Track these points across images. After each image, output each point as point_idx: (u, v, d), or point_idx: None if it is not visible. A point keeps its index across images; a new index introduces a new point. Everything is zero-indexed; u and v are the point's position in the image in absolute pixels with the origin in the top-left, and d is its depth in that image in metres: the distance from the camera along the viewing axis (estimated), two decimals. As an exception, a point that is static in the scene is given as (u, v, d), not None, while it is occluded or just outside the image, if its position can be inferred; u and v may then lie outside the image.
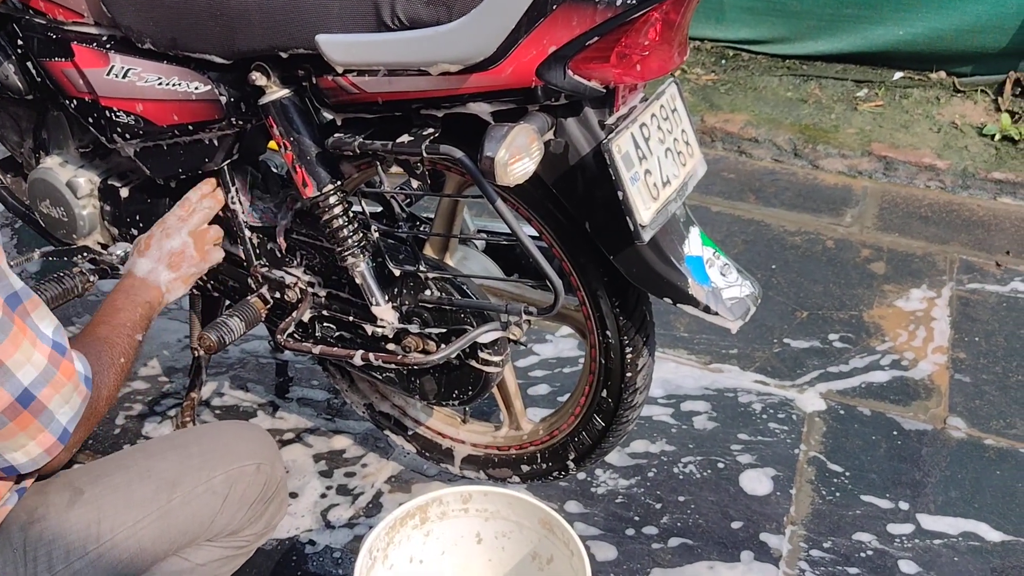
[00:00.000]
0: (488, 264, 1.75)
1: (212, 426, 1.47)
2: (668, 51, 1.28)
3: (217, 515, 1.35)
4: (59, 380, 1.14)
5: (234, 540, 1.41)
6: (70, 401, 1.16)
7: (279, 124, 1.48)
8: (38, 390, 1.11)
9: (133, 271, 1.57)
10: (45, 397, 1.13)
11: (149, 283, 1.55)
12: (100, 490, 1.27)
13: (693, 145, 1.50)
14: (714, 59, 4.03)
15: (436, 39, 1.24)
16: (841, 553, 1.87)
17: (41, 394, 1.12)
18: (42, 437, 1.14)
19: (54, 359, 1.13)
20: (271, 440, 1.46)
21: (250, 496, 1.38)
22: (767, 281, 2.74)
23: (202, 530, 1.34)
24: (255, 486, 1.38)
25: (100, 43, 1.57)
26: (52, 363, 1.13)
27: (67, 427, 1.17)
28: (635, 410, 1.66)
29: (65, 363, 1.15)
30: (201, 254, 1.62)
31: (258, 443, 1.42)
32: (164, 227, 1.61)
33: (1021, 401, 2.29)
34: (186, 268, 1.60)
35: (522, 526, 1.56)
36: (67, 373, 1.15)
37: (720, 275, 1.45)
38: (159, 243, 1.59)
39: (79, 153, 1.84)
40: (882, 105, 3.67)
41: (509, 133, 1.24)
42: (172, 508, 1.30)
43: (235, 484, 1.36)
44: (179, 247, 1.59)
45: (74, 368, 1.17)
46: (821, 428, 2.19)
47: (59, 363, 1.14)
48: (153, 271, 1.56)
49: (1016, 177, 3.28)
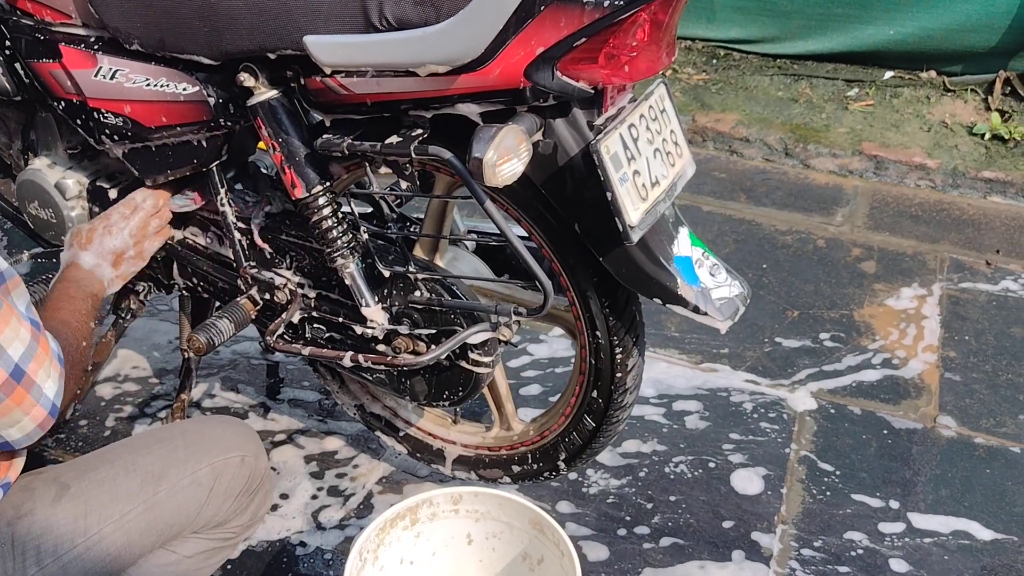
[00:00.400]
0: (478, 265, 1.75)
1: (196, 420, 1.50)
2: (656, 52, 1.28)
3: (203, 507, 1.36)
4: (41, 355, 1.17)
5: (220, 532, 1.42)
6: (51, 375, 1.19)
7: (267, 125, 1.48)
8: (27, 365, 1.15)
9: (78, 262, 1.59)
10: (33, 372, 1.16)
11: (95, 276, 1.58)
12: (86, 484, 1.28)
13: (682, 145, 1.50)
14: (705, 59, 4.04)
15: (424, 40, 1.24)
16: (832, 552, 1.87)
17: (29, 369, 1.15)
18: (35, 411, 1.17)
19: (35, 335, 1.17)
20: (255, 434, 1.48)
21: (235, 488, 1.39)
22: (758, 280, 2.75)
23: (188, 522, 1.35)
24: (240, 478, 1.39)
25: (88, 44, 1.56)
26: (34, 338, 1.16)
27: (55, 401, 1.20)
28: (625, 410, 1.66)
29: (42, 338, 1.19)
30: (139, 253, 1.66)
31: (242, 436, 1.44)
32: (107, 224, 1.64)
33: (1011, 400, 2.30)
34: (126, 267, 1.64)
35: (512, 527, 1.56)
36: (45, 348, 1.19)
37: (709, 275, 1.45)
38: (101, 240, 1.62)
39: (68, 154, 1.83)
40: (872, 104, 3.68)
41: (497, 134, 1.24)
42: (158, 501, 1.31)
43: (220, 476, 1.37)
44: (120, 247, 1.62)
45: (49, 344, 1.20)
46: (812, 427, 2.20)
47: (39, 338, 1.18)
48: (98, 266, 1.60)
49: (1006, 176, 3.29)
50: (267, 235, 1.65)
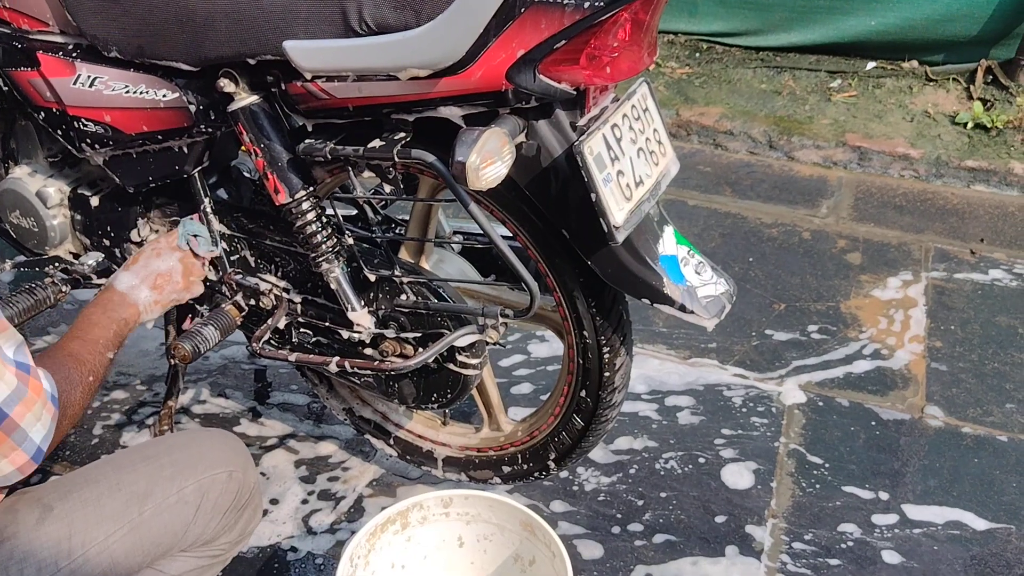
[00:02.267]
0: (464, 266, 1.74)
1: (183, 435, 1.44)
2: (638, 51, 1.28)
3: (190, 525, 1.33)
4: (31, 398, 1.13)
5: (209, 549, 1.40)
6: (41, 419, 1.15)
7: (249, 131, 1.47)
8: (10, 408, 1.11)
9: (114, 284, 1.54)
10: (18, 415, 1.12)
11: (128, 300, 1.53)
12: (70, 505, 1.25)
13: (665, 144, 1.50)
14: (688, 52, 4.04)
15: (405, 44, 1.23)
16: (822, 545, 1.88)
17: (14, 412, 1.11)
18: (15, 456, 1.13)
19: (22, 378, 1.13)
20: (243, 447, 1.45)
21: (223, 504, 1.37)
22: (744, 274, 2.75)
23: (175, 541, 1.33)
24: (228, 494, 1.37)
25: (66, 52, 1.55)
26: (22, 381, 1.12)
27: (40, 446, 1.16)
28: (614, 409, 1.66)
29: (32, 381, 1.15)
30: (186, 283, 1.61)
31: (230, 450, 1.41)
32: (156, 247, 1.60)
33: (997, 388, 2.31)
34: (168, 292, 1.58)
35: (504, 528, 1.56)
36: (36, 391, 1.15)
37: (695, 273, 1.45)
38: (147, 261, 1.58)
39: (48, 163, 1.82)
40: (855, 95, 3.69)
41: (480, 137, 1.23)
42: (144, 520, 1.28)
43: (207, 493, 1.34)
44: (166, 269, 1.58)
45: (41, 386, 1.16)
46: (800, 420, 2.20)
47: (27, 381, 1.14)
48: (135, 288, 1.54)
49: (989, 165, 3.31)
50: (251, 240, 1.65)
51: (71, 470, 1.99)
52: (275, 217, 1.61)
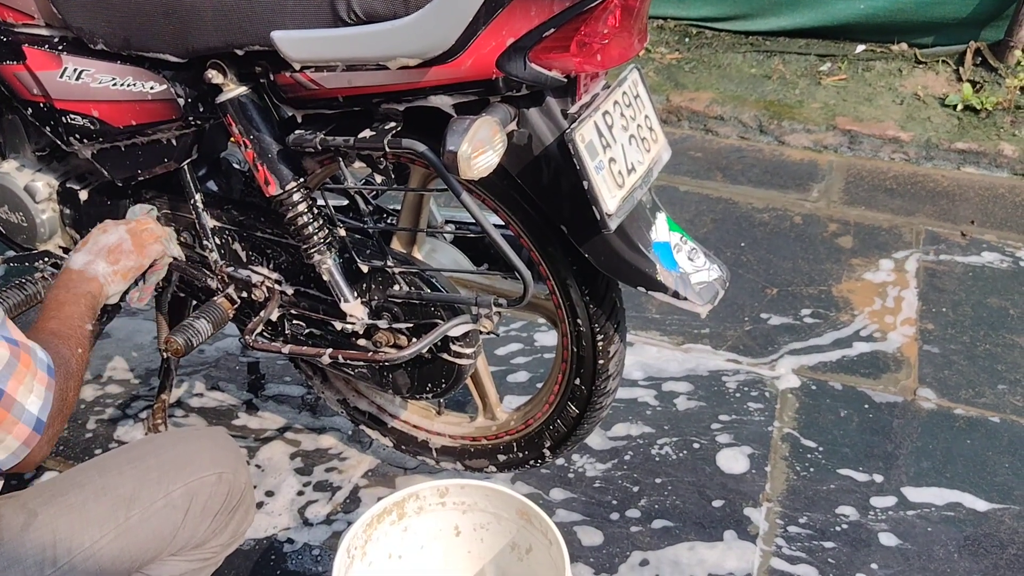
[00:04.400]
0: (457, 255, 1.74)
1: (171, 436, 1.41)
2: (628, 38, 1.28)
3: (179, 529, 1.30)
4: (21, 370, 1.12)
5: (200, 552, 1.37)
6: (34, 390, 1.14)
7: (238, 122, 1.46)
8: (4, 383, 1.10)
9: (69, 266, 1.53)
10: (11, 389, 1.11)
11: (87, 274, 1.51)
12: (55, 511, 1.22)
13: (657, 130, 1.50)
14: (678, 37, 4.03)
15: (393, 33, 1.22)
16: (817, 528, 1.89)
17: (8, 386, 1.10)
18: (18, 429, 1.12)
19: (13, 351, 1.12)
20: (234, 446, 1.42)
21: (213, 507, 1.34)
22: (736, 259, 2.75)
23: (164, 545, 1.30)
24: (217, 497, 1.34)
25: (52, 45, 1.53)
26: (14, 355, 1.11)
27: (39, 416, 1.14)
28: (608, 396, 1.66)
29: (22, 353, 1.13)
30: (139, 249, 1.60)
31: (220, 451, 1.37)
32: (101, 225, 1.61)
33: (989, 370, 2.32)
34: (124, 262, 1.57)
35: (500, 517, 1.56)
36: (26, 363, 1.13)
37: (688, 260, 1.45)
38: (95, 239, 1.57)
39: (36, 156, 1.80)
40: (845, 79, 3.69)
41: (471, 126, 1.23)
42: (130, 526, 1.25)
43: (196, 496, 1.31)
44: (115, 241, 1.57)
45: (31, 357, 1.15)
46: (794, 404, 2.21)
47: (18, 354, 1.12)
48: (90, 263, 1.53)
49: (979, 147, 3.32)
50: (242, 233, 1.64)
51: (65, 464, 2.00)
52: (266, 209, 1.60)
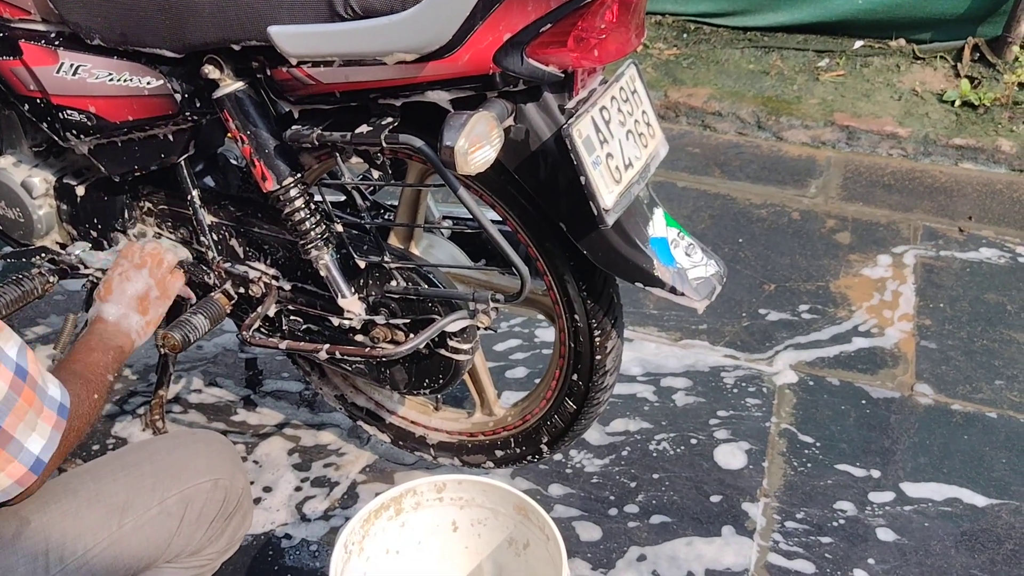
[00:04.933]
0: (454, 251, 1.74)
1: (167, 440, 1.37)
2: (625, 33, 1.27)
3: (174, 537, 1.28)
4: (21, 407, 1.08)
5: (196, 559, 1.34)
6: (37, 428, 1.11)
7: (235, 118, 1.46)
8: (1, 420, 1.06)
9: (103, 316, 1.50)
10: (9, 426, 1.07)
11: (121, 329, 1.49)
12: (48, 519, 1.20)
13: (654, 126, 1.49)
14: (676, 33, 4.03)
15: (390, 28, 1.22)
16: (814, 523, 1.89)
17: (5, 423, 1.07)
18: (12, 467, 1.09)
19: (16, 385, 1.07)
20: (230, 449, 1.39)
21: (208, 514, 1.31)
22: (734, 255, 2.75)
23: (159, 554, 1.28)
24: (213, 503, 1.31)
25: (48, 40, 1.53)
26: (14, 389, 1.07)
27: (40, 456, 1.11)
28: (606, 392, 1.66)
29: (27, 390, 1.09)
30: (164, 293, 1.58)
31: (216, 456, 1.34)
32: (121, 271, 1.55)
33: (986, 365, 2.32)
34: (153, 312, 1.55)
35: (497, 512, 1.56)
36: (27, 398, 1.09)
37: (685, 255, 1.45)
38: (121, 287, 1.53)
39: (33, 152, 1.80)
40: (843, 75, 3.69)
41: (468, 121, 1.23)
42: (124, 534, 1.23)
43: (191, 503, 1.29)
44: (143, 290, 1.54)
45: (35, 394, 1.11)
46: (791, 400, 2.21)
47: (21, 389, 1.08)
48: (124, 316, 1.50)
49: (976, 143, 3.32)
50: (239, 228, 1.64)
51: (64, 463, 1.99)
52: (263, 204, 1.60)
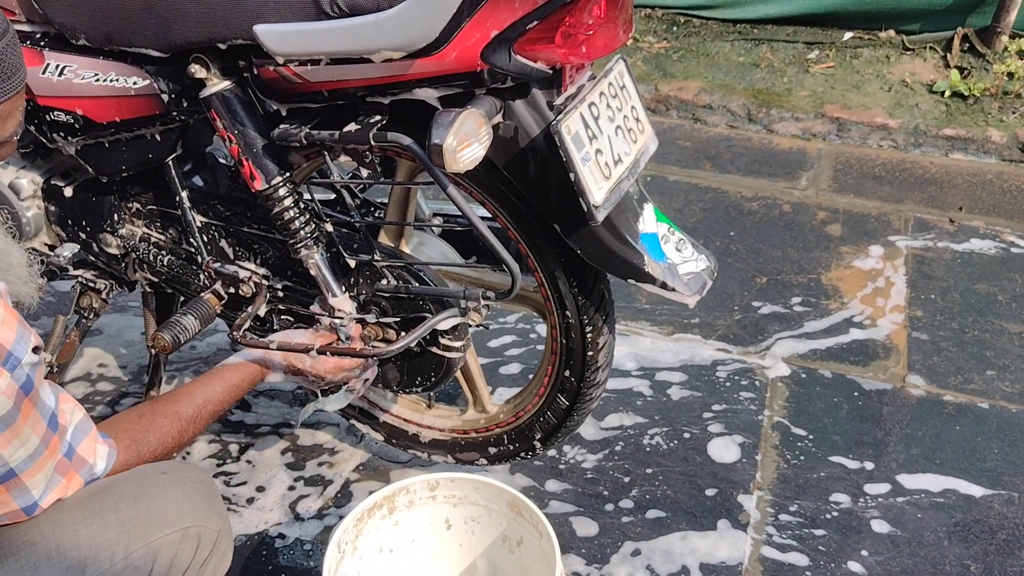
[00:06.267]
0: (445, 248, 1.73)
1: (134, 484, 1.25)
2: (613, 29, 1.27)
3: None
4: (44, 459, 1.12)
5: None
6: (51, 481, 1.14)
7: (222, 117, 1.45)
8: (23, 470, 1.09)
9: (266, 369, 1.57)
10: (26, 476, 1.10)
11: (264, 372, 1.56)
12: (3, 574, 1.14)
13: (644, 121, 1.49)
14: (665, 26, 4.02)
15: (377, 26, 1.21)
16: (807, 516, 1.89)
17: (23, 474, 1.10)
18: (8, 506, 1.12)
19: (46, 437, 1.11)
20: (205, 488, 1.29)
21: (180, 565, 1.22)
22: (726, 248, 2.75)
23: None
24: (184, 553, 1.22)
25: (33, 41, 1.52)
26: (43, 442, 1.11)
27: (38, 501, 1.14)
28: (598, 387, 1.66)
29: (71, 470, 1.15)
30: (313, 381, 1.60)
31: (186, 500, 1.24)
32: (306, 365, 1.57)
33: (978, 356, 2.33)
34: (295, 379, 1.60)
35: (491, 510, 1.56)
36: (52, 450, 1.13)
37: (676, 251, 1.45)
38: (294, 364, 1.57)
39: (20, 154, 1.79)
40: (833, 66, 3.69)
41: (456, 119, 1.22)
42: None
43: (159, 556, 1.19)
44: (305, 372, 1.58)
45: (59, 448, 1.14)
46: (784, 393, 2.22)
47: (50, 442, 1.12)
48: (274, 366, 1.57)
49: (966, 133, 3.32)
50: (229, 228, 1.63)
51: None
52: (252, 204, 1.60)
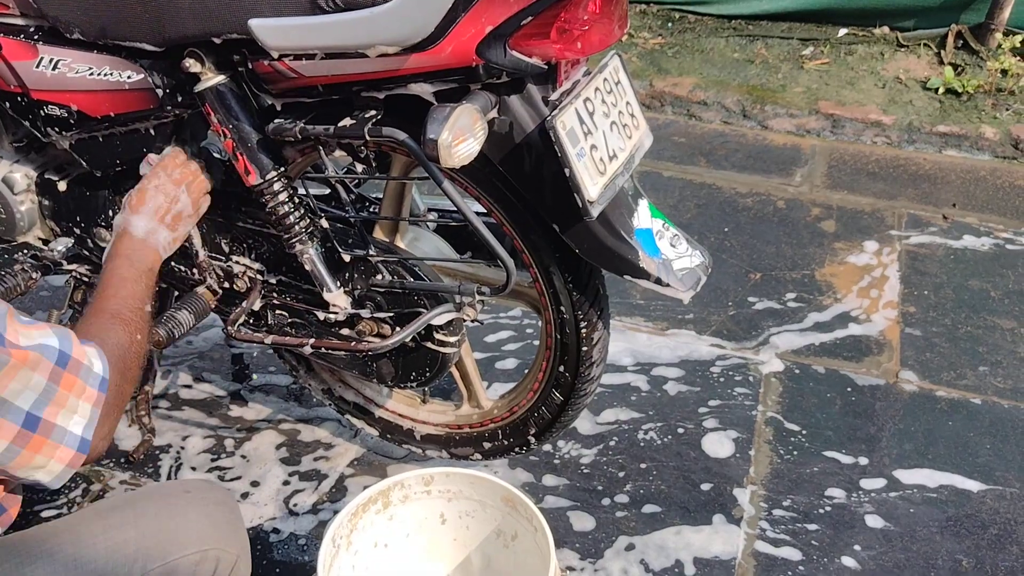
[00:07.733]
0: (440, 244, 1.73)
1: (156, 499, 1.25)
2: (608, 24, 1.27)
3: None
4: (61, 395, 1.08)
5: None
6: (79, 410, 1.10)
7: (217, 111, 1.45)
8: (41, 410, 1.06)
9: (130, 231, 1.43)
10: (50, 415, 1.07)
11: (148, 245, 1.43)
12: None
13: (638, 117, 1.49)
14: (660, 22, 4.02)
15: (372, 20, 1.21)
16: (801, 510, 1.90)
17: (46, 413, 1.06)
18: (60, 453, 1.09)
19: (53, 374, 1.07)
20: (227, 509, 1.28)
21: None
22: (720, 244, 2.76)
23: None
24: (202, 575, 1.21)
25: (27, 35, 1.51)
26: (53, 380, 1.07)
27: (84, 436, 1.11)
28: (593, 383, 1.66)
29: (65, 375, 1.09)
30: (196, 211, 1.51)
31: (206, 521, 1.23)
32: (157, 183, 1.48)
33: (970, 352, 2.34)
34: (183, 228, 1.49)
35: (485, 505, 1.56)
36: (68, 384, 1.09)
37: (670, 246, 1.45)
38: (153, 197, 1.46)
39: (14, 148, 1.78)
40: (828, 63, 3.69)
41: (452, 114, 1.22)
42: None
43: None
44: (178, 207, 1.48)
45: (76, 378, 1.10)
46: (778, 388, 2.22)
47: (59, 377, 1.07)
48: (153, 232, 1.44)
49: (960, 130, 3.33)
50: (223, 223, 1.63)
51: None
52: (247, 199, 1.59)
